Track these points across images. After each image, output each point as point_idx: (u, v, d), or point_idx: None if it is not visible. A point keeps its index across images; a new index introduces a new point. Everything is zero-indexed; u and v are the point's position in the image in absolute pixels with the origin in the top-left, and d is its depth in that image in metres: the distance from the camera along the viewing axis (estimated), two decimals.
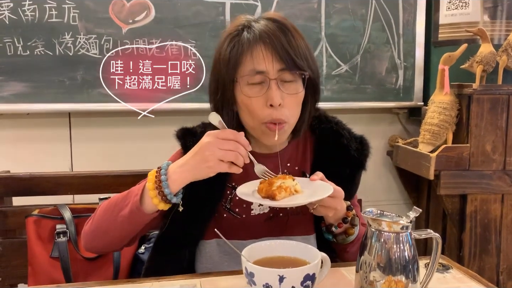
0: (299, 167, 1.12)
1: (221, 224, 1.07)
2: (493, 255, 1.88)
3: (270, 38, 0.96)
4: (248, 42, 0.97)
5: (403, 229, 0.78)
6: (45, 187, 1.46)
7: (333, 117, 1.15)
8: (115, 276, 1.36)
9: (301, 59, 0.97)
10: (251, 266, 0.78)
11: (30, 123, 1.87)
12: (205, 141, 0.90)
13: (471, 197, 1.85)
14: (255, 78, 0.97)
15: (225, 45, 1.00)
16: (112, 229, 0.99)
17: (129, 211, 0.95)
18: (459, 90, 1.86)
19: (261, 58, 0.96)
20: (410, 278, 0.79)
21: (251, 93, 0.97)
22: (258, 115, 0.98)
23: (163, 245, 1.09)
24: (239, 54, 0.97)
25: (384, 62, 2.11)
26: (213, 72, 1.04)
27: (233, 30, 1.01)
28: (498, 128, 1.81)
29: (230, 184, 1.08)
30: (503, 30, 1.92)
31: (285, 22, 1.00)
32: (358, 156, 1.09)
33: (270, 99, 0.96)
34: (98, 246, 1.06)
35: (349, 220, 1.01)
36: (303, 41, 1.01)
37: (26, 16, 1.75)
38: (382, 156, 2.22)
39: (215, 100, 1.03)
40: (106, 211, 1.00)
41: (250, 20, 1.01)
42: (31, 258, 1.36)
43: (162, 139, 1.93)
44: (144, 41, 1.85)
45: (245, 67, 0.97)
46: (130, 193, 0.98)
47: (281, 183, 0.92)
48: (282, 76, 0.97)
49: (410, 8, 2.10)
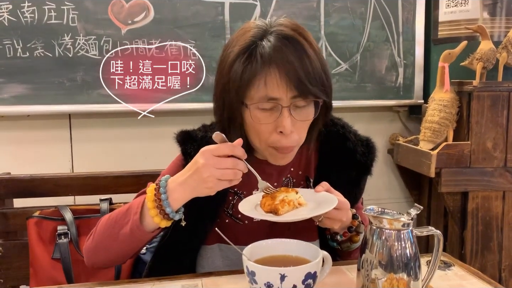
0: (303, 172, 1.10)
1: (224, 230, 1.05)
2: (495, 253, 1.88)
3: (283, 63, 0.90)
4: (262, 65, 0.90)
5: (404, 227, 0.78)
6: (45, 188, 1.46)
7: (338, 120, 1.12)
8: (117, 277, 1.35)
9: (315, 86, 0.92)
10: (252, 265, 0.78)
11: (30, 125, 1.88)
12: (201, 162, 0.86)
13: (473, 194, 1.84)
14: (266, 105, 0.92)
15: (236, 65, 0.92)
16: (114, 247, 0.98)
17: (130, 229, 0.93)
18: (459, 88, 1.86)
19: (275, 85, 0.90)
20: (412, 275, 0.78)
21: (261, 118, 0.93)
22: (266, 138, 0.95)
23: (165, 251, 1.08)
24: (250, 78, 0.91)
25: (384, 60, 2.11)
26: (220, 91, 0.98)
27: (243, 46, 0.93)
28: (498, 125, 1.81)
29: (232, 190, 1.07)
30: (503, 26, 1.91)
31: (299, 38, 0.93)
32: (364, 161, 1.06)
33: (281, 126, 0.92)
34: (100, 262, 1.04)
35: (354, 228, 1.00)
36: (320, 61, 0.94)
37: (26, 18, 1.75)
38: (383, 154, 2.22)
39: (221, 117, 0.99)
40: (107, 228, 0.98)
41: (262, 35, 0.93)
42: (32, 260, 1.36)
43: (162, 139, 1.94)
44: (144, 42, 1.85)
45: (257, 93, 0.91)
46: (129, 210, 0.95)
47: (284, 197, 0.90)
48: (295, 103, 0.92)
49: (410, 6, 2.10)
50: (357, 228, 1.01)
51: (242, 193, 1.08)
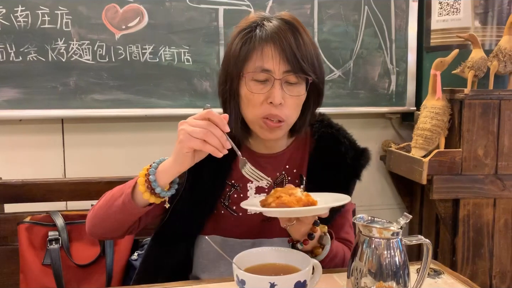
0: (297, 170, 1.13)
1: (219, 221, 1.09)
2: (486, 259, 1.89)
3: (280, 40, 0.98)
4: (260, 40, 0.99)
5: (394, 236, 0.79)
6: (37, 193, 1.46)
7: (336, 124, 1.15)
8: (108, 283, 1.35)
9: (307, 63, 0.99)
10: (242, 274, 0.78)
11: (22, 129, 1.87)
12: (180, 126, 0.91)
13: (464, 201, 1.86)
14: (260, 75, 0.99)
15: (237, 40, 1.02)
16: (107, 218, 1.02)
17: (122, 202, 0.97)
18: (451, 95, 1.87)
19: (270, 57, 0.98)
20: (401, 283, 0.79)
21: (254, 88, 1.00)
22: (257, 109, 1.00)
23: (162, 237, 1.11)
24: (249, 51, 0.99)
25: (377, 68, 2.12)
26: (223, 65, 1.06)
27: (246, 26, 1.03)
28: (489, 132, 1.83)
29: (229, 182, 1.10)
30: (494, 35, 1.93)
31: (297, 24, 1.03)
32: (354, 165, 1.08)
33: (272, 97, 0.98)
34: (97, 233, 1.08)
35: (314, 236, 0.97)
36: (313, 46, 1.03)
37: (19, 22, 1.74)
38: (375, 161, 2.23)
39: (223, 90, 1.06)
40: (105, 200, 1.03)
41: (263, 18, 1.03)
42: (23, 266, 1.35)
43: (155, 144, 1.94)
44: (138, 47, 1.86)
45: (253, 63, 0.99)
46: (125, 185, 1.00)
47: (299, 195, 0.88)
48: (287, 78, 0.99)
49: (402, 13, 2.12)
50: (320, 238, 0.99)
51: (239, 185, 1.10)
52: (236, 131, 1.05)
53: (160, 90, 1.89)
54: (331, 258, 1.00)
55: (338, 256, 1.03)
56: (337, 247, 1.04)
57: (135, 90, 1.87)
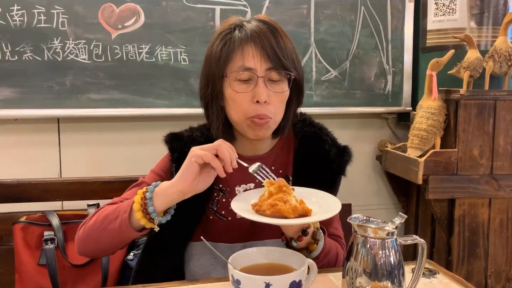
0: (283, 170, 1.13)
1: (208, 226, 1.09)
2: (481, 259, 1.90)
3: (260, 38, 1.00)
4: (240, 40, 1.01)
5: (389, 235, 0.79)
6: (33, 193, 1.45)
7: (318, 123, 1.17)
8: (104, 283, 1.35)
9: (288, 60, 1.02)
10: (237, 274, 0.78)
11: (18, 129, 1.86)
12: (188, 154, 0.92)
13: (459, 201, 1.86)
14: (243, 75, 1.00)
15: (217, 42, 1.04)
16: (103, 240, 1.00)
17: (118, 226, 0.96)
18: (446, 96, 1.88)
19: (251, 56, 1.00)
20: (396, 283, 0.79)
21: (239, 88, 1.01)
22: (244, 109, 1.01)
23: (153, 247, 1.10)
24: (230, 51, 1.01)
25: (373, 68, 2.13)
26: (204, 68, 1.08)
27: (225, 28, 1.05)
28: (485, 133, 1.83)
29: (217, 187, 1.10)
30: (490, 36, 1.94)
31: (275, 25, 1.05)
32: (338, 161, 1.10)
33: (257, 95, 1.00)
34: (89, 252, 1.07)
35: (308, 232, 0.96)
36: (291, 44, 1.06)
37: (14, 21, 1.74)
38: (371, 161, 2.24)
39: (205, 94, 1.07)
40: (97, 221, 1.00)
41: (242, 20, 1.06)
42: (18, 266, 1.35)
43: (151, 144, 1.92)
44: (134, 46, 1.85)
45: (235, 63, 1.01)
46: (120, 208, 0.98)
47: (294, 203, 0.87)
48: (269, 75, 1.01)
49: (398, 14, 2.12)
50: (314, 234, 0.99)
51: (227, 189, 1.10)
52: (218, 135, 1.05)
53: (156, 90, 1.89)
54: (325, 254, 1.01)
55: (332, 252, 1.04)
56: (330, 242, 1.04)
57: (131, 90, 1.86)
